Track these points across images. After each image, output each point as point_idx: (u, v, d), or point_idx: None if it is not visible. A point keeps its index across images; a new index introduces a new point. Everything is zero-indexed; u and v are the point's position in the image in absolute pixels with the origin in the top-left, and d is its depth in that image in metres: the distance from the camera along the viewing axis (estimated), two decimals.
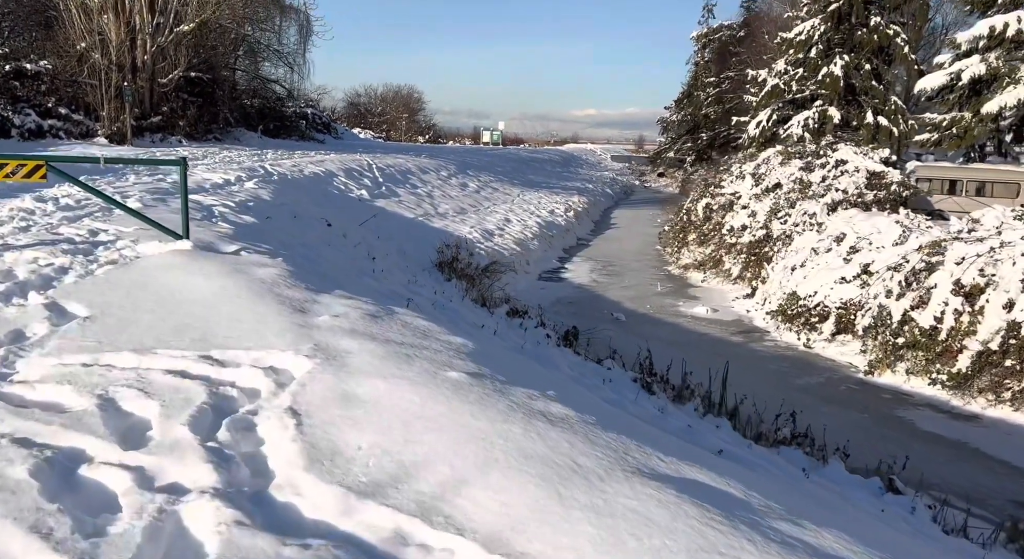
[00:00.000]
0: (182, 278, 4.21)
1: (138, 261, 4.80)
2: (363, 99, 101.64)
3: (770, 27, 39.79)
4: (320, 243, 9.30)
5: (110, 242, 5.49)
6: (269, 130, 35.59)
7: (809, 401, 8.10)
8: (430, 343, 3.31)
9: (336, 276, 5.68)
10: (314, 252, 7.64)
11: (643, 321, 12.21)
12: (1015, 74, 14.35)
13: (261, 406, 2.76)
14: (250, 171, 14.50)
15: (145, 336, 3.37)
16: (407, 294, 7.47)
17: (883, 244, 10.23)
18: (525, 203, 25.03)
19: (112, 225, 6.00)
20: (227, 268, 4.44)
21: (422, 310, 4.99)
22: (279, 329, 3.46)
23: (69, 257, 4.93)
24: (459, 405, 2.57)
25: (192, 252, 5.00)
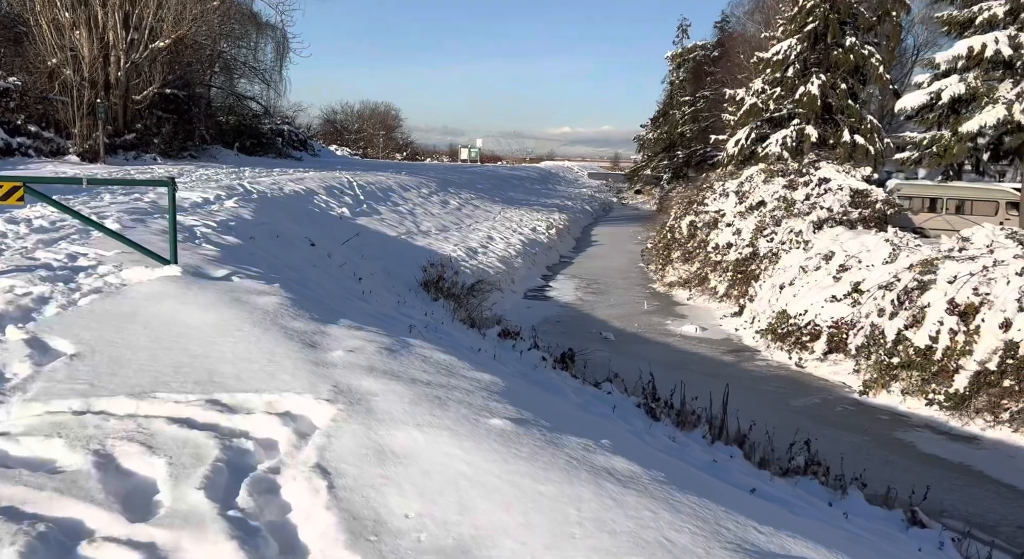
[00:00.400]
0: (176, 309, 3.91)
1: (125, 289, 4.49)
2: (339, 116, 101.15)
3: (744, 47, 40.38)
4: (306, 264, 9.04)
5: (91, 267, 5.17)
6: (245, 147, 35.20)
7: (808, 424, 7.98)
8: (458, 381, 3.05)
9: (328, 301, 5.44)
10: (301, 274, 7.38)
11: (632, 340, 12.08)
12: (992, 93, 14.62)
13: (283, 462, 2.46)
14: (229, 189, 14.19)
15: (142, 377, 3.06)
16: (399, 317, 7.24)
17: (873, 262, 10.22)
18: (507, 221, 24.92)
19: (92, 248, 5.69)
20: (224, 297, 4.15)
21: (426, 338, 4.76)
22: (291, 367, 3.17)
23: (48, 285, 4.62)
24: (513, 462, 2.25)
25: (182, 278, 4.71)
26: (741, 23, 53.90)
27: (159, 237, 6.34)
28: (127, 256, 5.33)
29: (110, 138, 21.03)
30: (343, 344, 3.50)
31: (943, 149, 15.50)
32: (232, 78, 37.17)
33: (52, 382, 3.05)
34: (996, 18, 14.99)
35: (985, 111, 14.46)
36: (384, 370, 3.09)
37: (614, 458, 2.27)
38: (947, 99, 15.50)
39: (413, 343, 3.69)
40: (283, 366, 3.16)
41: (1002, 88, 14.65)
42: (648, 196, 64.35)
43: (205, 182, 15.75)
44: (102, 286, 4.65)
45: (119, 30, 21.40)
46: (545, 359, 7.39)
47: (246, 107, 38.52)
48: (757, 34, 42.04)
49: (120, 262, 5.21)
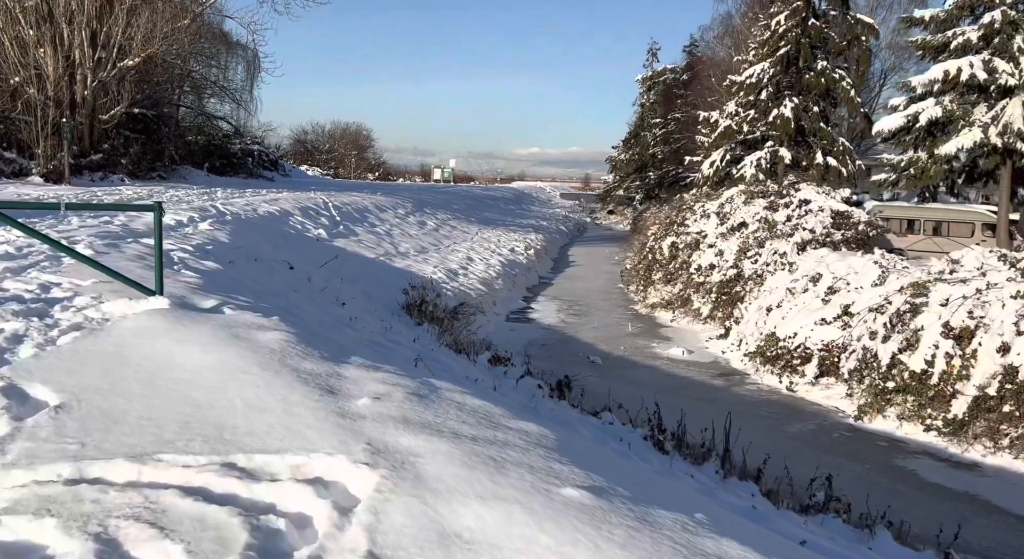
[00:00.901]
0: (170, 348, 3.51)
1: (109, 325, 4.09)
2: (310, 136, 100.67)
3: (715, 70, 40.99)
4: (287, 289, 8.68)
5: (67, 299, 4.75)
6: (215, 168, 34.61)
7: (807, 451, 7.82)
8: (505, 435, 2.70)
9: (320, 330, 5.13)
10: (286, 300, 7.05)
11: (620, 364, 11.87)
12: (968, 117, 14.88)
13: (325, 548, 2.02)
14: (202, 211, 13.76)
15: (140, 433, 2.65)
16: (388, 344, 6.93)
17: (861, 285, 10.18)
18: (485, 241, 24.70)
19: (66, 278, 5.27)
20: (221, 333, 3.77)
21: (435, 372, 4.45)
22: (314, 420, 2.76)
23: (22, 321, 4.19)
24: (608, 549, 1.83)
25: (171, 312, 4.31)
26: (710, 47, 54.81)
27: (136, 264, 5.96)
28: (106, 286, 4.93)
29: (76, 158, 20.40)
30: (365, 389, 3.14)
31: (920, 171, 15.72)
32: (201, 97, 36.65)
33: (36, 441, 2.62)
34: (970, 43, 15.32)
35: (962, 134, 14.71)
36: (420, 422, 2.73)
37: (723, 542, 1.97)
38: (925, 121, 15.74)
39: (439, 385, 3.37)
40: (303, 418, 2.76)
41: (977, 111, 14.94)
42: (621, 216, 64.77)
43: (177, 203, 15.28)
44: (82, 321, 4.23)
45: (86, 48, 20.86)
46: (541, 387, 7.13)
47: (216, 127, 37.98)
48: (727, 58, 42.74)
49: (99, 293, 4.79)
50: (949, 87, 15.40)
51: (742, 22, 39.29)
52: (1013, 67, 14.50)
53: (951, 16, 16.41)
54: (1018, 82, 14.45)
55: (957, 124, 15.08)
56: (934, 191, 17.09)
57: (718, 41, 46.41)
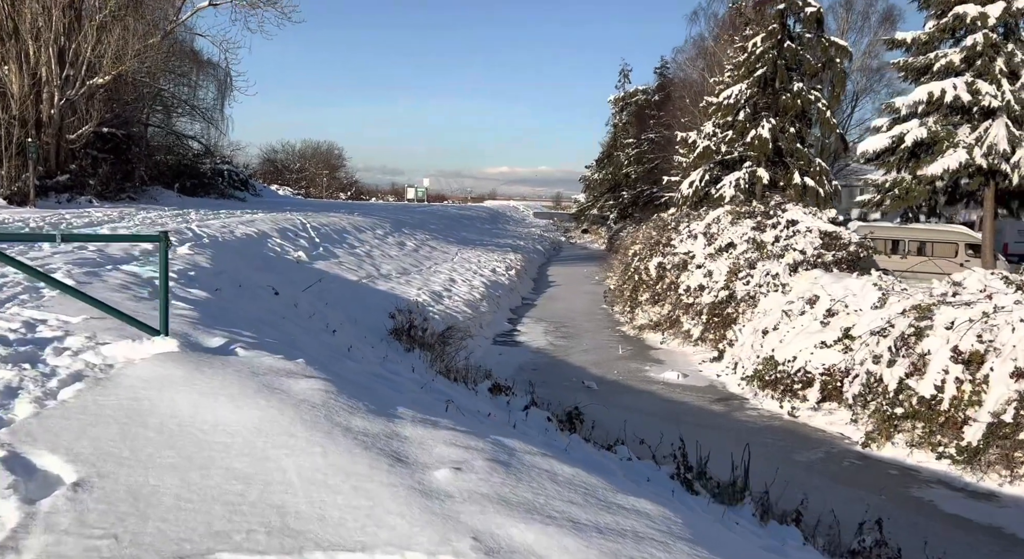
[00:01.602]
0: (196, 403, 3.02)
1: (115, 373, 3.59)
2: (280, 155, 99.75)
3: (687, 91, 41.45)
4: (275, 317, 8.26)
5: (58, 340, 4.25)
6: (186, 188, 33.87)
7: (819, 481, 7.58)
8: (628, 520, 2.25)
9: (324, 361, 4.74)
10: (279, 331, 6.64)
11: (616, 389, 11.59)
12: (952, 138, 15.03)
13: None
14: (179, 234, 13.26)
15: (184, 522, 2.14)
16: (388, 375, 6.55)
17: (861, 307, 10.06)
18: (465, 262, 24.37)
19: (51, 313, 4.78)
20: (250, 383, 3.27)
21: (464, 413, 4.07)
22: (395, 501, 2.30)
23: (12, 369, 3.63)
24: None
25: (182, 355, 3.83)
26: (682, 69, 55.54)
27: (123, 295, 5.53)
28: (99, 322, 4.47)
29: (41, 180, 19.68)
30: (435, 453, 2.67)
31: (905, 191, 15.82)
32: (170, 116, 35.89)
33: (56, 534, 2.08)
34: (953, 65, 15.53)
35: (947, 155, 14.84)
36: (521, 503, 2.28)
37: None
38: (911, 142, 15.87)
39: (513, 446, 2.96)
40: (381, 498, 2.29)
41: (961, 132, 15.09)
42: (595, 235, 64.97)
43: (150, 226, 14.73)
44: (83, 368, 3.68)
45: (53, 65, 20.22)
46: (551, 419, 6.80)
47: (186, 146, 37.27)
48: (700, 79, 43.26)
49: (93, 332, 4.29)
50: (933, 108, 15.58)
51: (715, 44, 39.85)
52: (996, 89, 14.73)
53: (932, 38, 16.67)
54: (1001, 104, 14.67)
55: (942, 145, 15.24)
56: (917, 212, 17.27)
57: (691, 62, 46.99)
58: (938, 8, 16.30)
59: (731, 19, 37.16)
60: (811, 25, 24.86)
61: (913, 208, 16.86)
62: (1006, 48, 15.10)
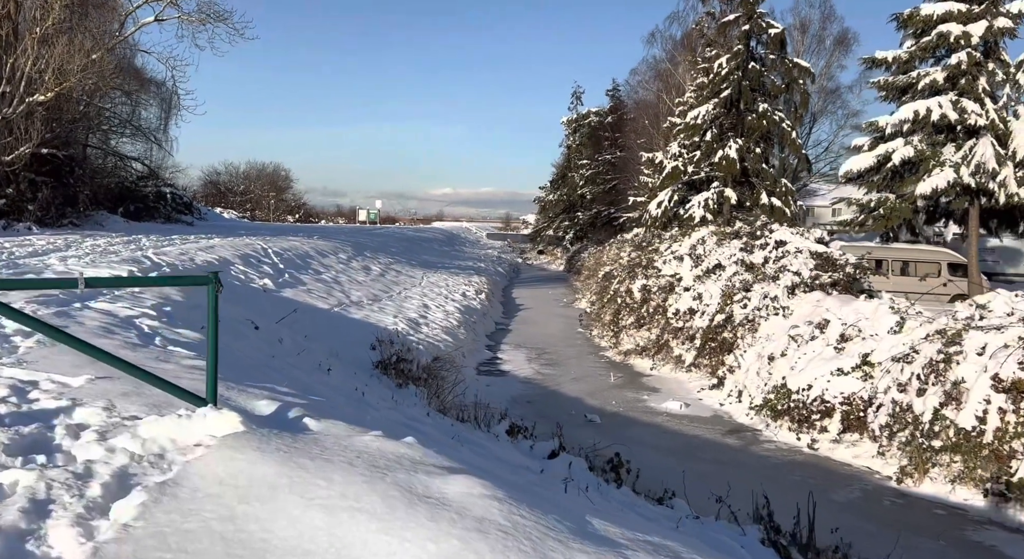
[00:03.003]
0: (328, 527, 2.05)
1: (181, 472, 2.62)
2: (223, 177, 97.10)
3: (645, 113, 41.71)
4: (268, 356, 7.37)
5: (66, 412, 3.23)
6: (130, 213, 32.18)
7: (866, 525, 7.05)
8: None
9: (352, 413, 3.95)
10: (285, 375, 5.79)
11: (619, 422, 10.95)
12: (938, 157, 15.08)
13: None
14: (136, 263, 12.16)
15: None
16: (406, 420, 5.76)
17: (877, 332, 9.70)
18: (434, 286, 23.54)
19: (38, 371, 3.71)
20: (380, 485, 2.32)
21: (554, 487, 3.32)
22: None
23: (27, 466, 2.64)
24: None
25: (253, 437, 2.88)
26: (636, 90, 56.14)
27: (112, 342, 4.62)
28: (108, 385, 3.50)
29: None
30: None
31: (890, 210, 15.79)
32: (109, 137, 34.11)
33: None
34: (937, 83, 15.63)
35: (934, 174, 14.85)
36: None
37: None
38: (899, 161, 15.87)
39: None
40: None
41: (946, 151, 15.15)
42: (551, 256, 64.75)
43: (103, 255, 13.52)
44: (128, 463, 2.68)
45: None
46: (593, 469, 6.08)
47: (129, 168, 35.48)
48: (657, 100, 43.64)
49: (107, 400, 3.26)
50: (919, 127, 15.64)
51: (671, 65, 40.23)
52: (980, 108, 14.88)
53: (913, 57, 16.84)
54: (986, 122, 14.81)
55: (928, 164, 15.28)
56: (896, 231, 17.33)
57: (647, 84, 47.44)
58: (917, 27, 16.51)
59: (688, 41, 37.62)
60: (774, 47, 25.13)
61: (894, 227, 16.92)
62: (987, 67, 15.35)
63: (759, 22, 24.82)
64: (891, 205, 15.84)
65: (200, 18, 32.07)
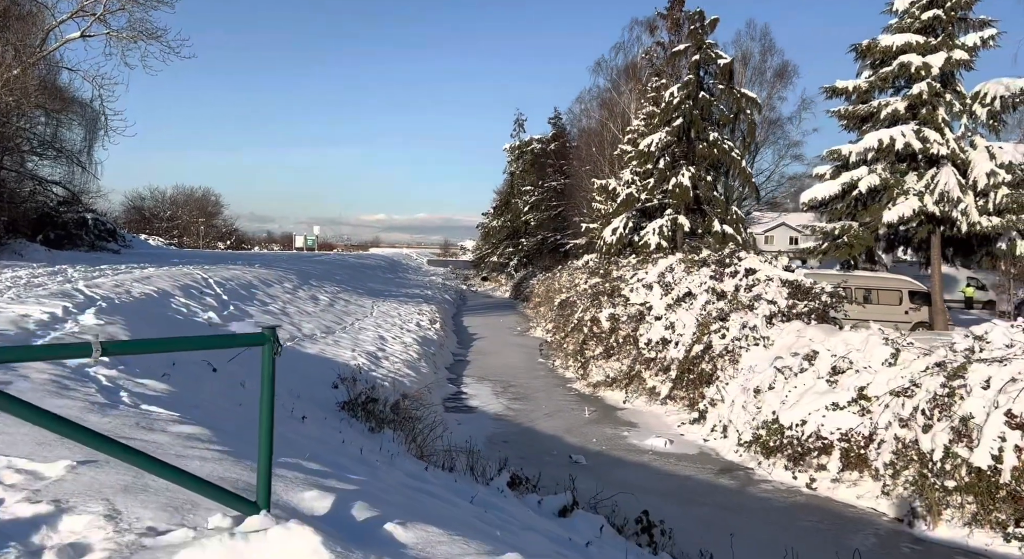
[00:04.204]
0: None
1: None
2: (148, 202, 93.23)
3: (592, 140, 41.97)
4: (236, 404, 6.46)
5: (46, 523, 2.31)
6: (50, 240, 30.09)
7: None
8: None
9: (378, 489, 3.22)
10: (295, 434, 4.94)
11: (604, 462, 10.34)
12: (902, 185, 15.27)
13: None
14: (67, 297, 10.91)
15: None
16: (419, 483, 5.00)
17: (870, 364, 9.45)
18: (385, 316, 22.59)
19: None
20: None
21: None
22: None
23: None
24: None
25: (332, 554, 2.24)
26: (578, 118, 56.67)
27: (72, 402, 3.68)
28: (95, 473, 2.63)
29: None
30: None
31: (854, 239, 15.88)
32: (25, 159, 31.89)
33: None
34: (898, 113, 15.89)
35: (900, 202, 15.01)
36: None
37: None
38: (865, 189, 16.01)
39: None
40: None
41: (909, 180, 15.37)
42: (496, 282, 64.19)
43: (28, 288, 12.18)
44: None
45: None
46: (621, 531, 5.44)
47: (50, 193, 33.22)
48: (601, 128, 44.02)
49: (103, 497, 2.36)
50: (882, 155, 15.85)
51: (616, 94, 40.67)
52: (941, 137, 15.20)
53: (873, 86, 17.19)
54: (947, 151, 15.12)
55: (892, 192, 15.48)
56: (857, 259, 17.53)
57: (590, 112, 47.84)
58: (876, 57, 16.89)
59: (633, 70, 38.13)
60: (723, 77, 25.54)
61: (855, 256, 17.11)
62: (945, 98, 15.77)
63: (708, 52, 25.20)
64: (855, 233, 16.03)
65: (132, 35, 30.52)
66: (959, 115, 15.80)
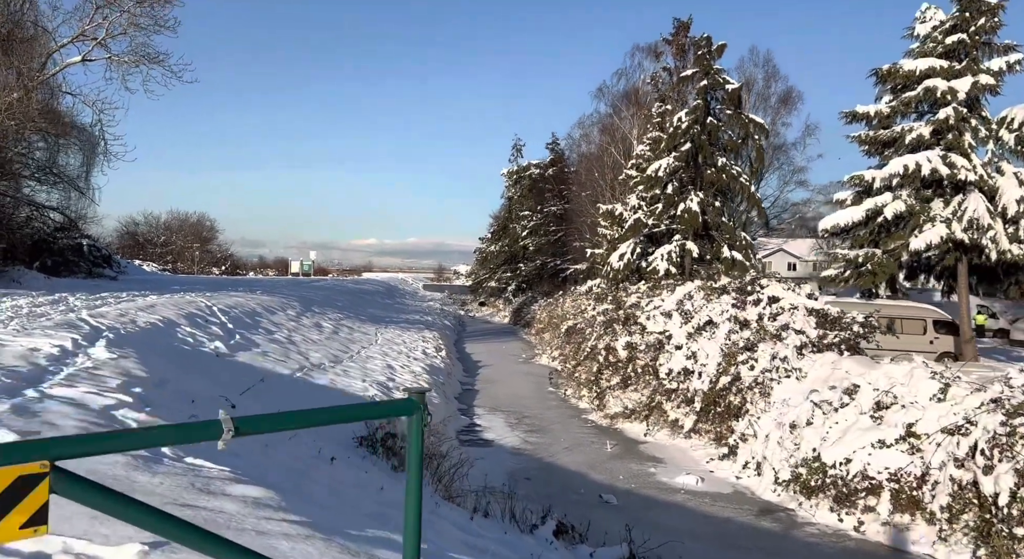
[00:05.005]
0: None
1: None
2: (142, 227, 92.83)
3: (596, 165, 41.87)
4: (260, 445, 5.99)
5: None
6: (47, 267, 29.57)
7: None
8: None
9: None
10: (309, 479, 4.50)
11: (635, 502, 9.84)
12: (928, 212, 15.01)
13: None
14: (73, 328, 10.45)
15: None
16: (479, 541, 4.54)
17: (916, 399, 9.05)
18: (391, 343, 22.10)
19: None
20: None
21: None
22: None
23: None
24: None
25: None
26: (578, 144, 56.70)
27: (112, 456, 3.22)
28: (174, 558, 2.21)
29: None
30: None
31: (877, 266, 15.57)
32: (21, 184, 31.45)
33: None
34: (923, 138, 15.68)
35: (927, 229, 14.73)
36: None
37: None
38: (891, 215, 15.73)
39: None
40: None
41: (934, 206, 15.11)
42: (494, 308, 63.68)
43: (31, 318, 11.70)
44: None
45: None
46: None
47: (46, 218, 32.73)
48: (601, 153, 43.98)
49: None
50: (908, 181, 15.61)
51: (618, 119, 40.67)
52: (968, 163, 14.99)
53: (895, 112, 17.03)
54: (975, 177, 14.91)
55: (918, 218, 15.20)
56: (878, 287, 17.21)
57: (591, 138, 47.86)
58: (898, 82, 16.74)
59: (635, 96, 38.15)
60: (731, 102, 25.45)
61: (876, 284, 16.80)
62: (971, 123, 15.60)
63: (716, 78, 25.14)
64: (878, 260, 15.72)
65: (134, 60, 30.34)
66: (985, 140, 15.62)
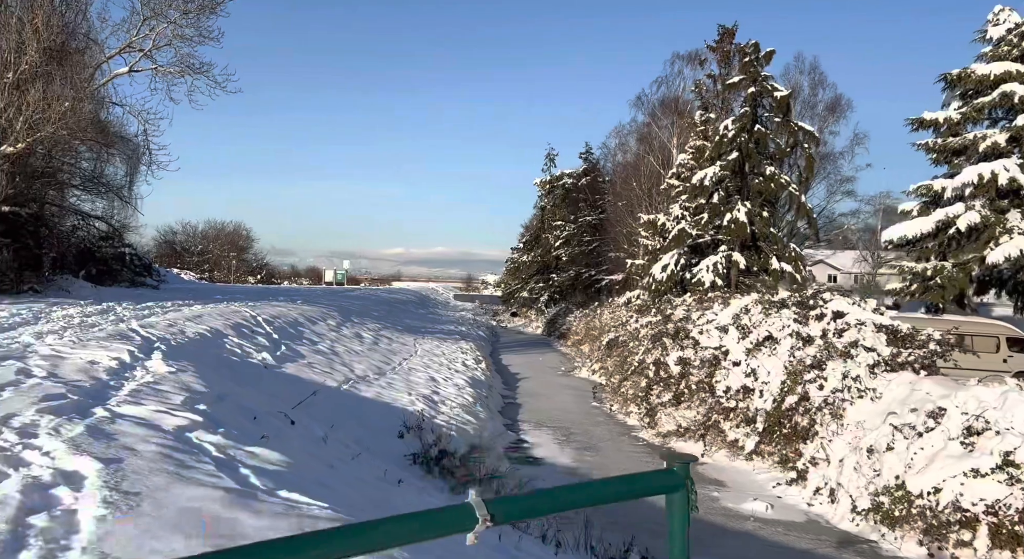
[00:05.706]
0: None
1: None
2: (180, 236, 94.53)
3: (634, 175, 41.34)
4: (324, 466, 5.65)
5: None
6: (92, 275, 29.95)
7: None
8: None
9: None
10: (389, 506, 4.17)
11: (705, 530, 9.32)
12: (1004, 224, 14.32)
13: None
14: (125, 338, 10.32)
15: None
16: None
17: (1012, 425, 8.44)
18: (430, 355, 21.82)
19: None
20: None
21: None
22: None
23: None
24: None
25: None
26: (613, 153, 56.19)
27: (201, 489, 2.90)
28: None
29: None
30: None
31: (947, 280, 14.88)
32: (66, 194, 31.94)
33: None
34: (998, 146, 14.99)
35: (1004, 241, 14.04)
36: None
37: None
38: (964, 227, 15.06)
39: None
40: None
41: (1011, 217, 14.41)
42: (526, 318, 63.23)
43: (82, 328, 11.61)
44: None
45: None
46: None
47: (91, 227, 33.23)
48: (637, 163, 43.43)
49: None
50: (982, 191, 14.95)
51: (657, 128, 40.15)
52: None
53: (966, 118, 16.38)
54: None
55: (993, 230, 14.50)
56: (947, 302, 16.47)
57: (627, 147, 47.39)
58: (969, 88, 16.09)
59: (674, 104, 37.60)
60: (780, 110, 24.83)
61: (944, 298, 16.07)
62: None
63: (764, 85, 24.55)
64: (948, 274, 15.00)
65: (179, 70, 30.71)
66: None
